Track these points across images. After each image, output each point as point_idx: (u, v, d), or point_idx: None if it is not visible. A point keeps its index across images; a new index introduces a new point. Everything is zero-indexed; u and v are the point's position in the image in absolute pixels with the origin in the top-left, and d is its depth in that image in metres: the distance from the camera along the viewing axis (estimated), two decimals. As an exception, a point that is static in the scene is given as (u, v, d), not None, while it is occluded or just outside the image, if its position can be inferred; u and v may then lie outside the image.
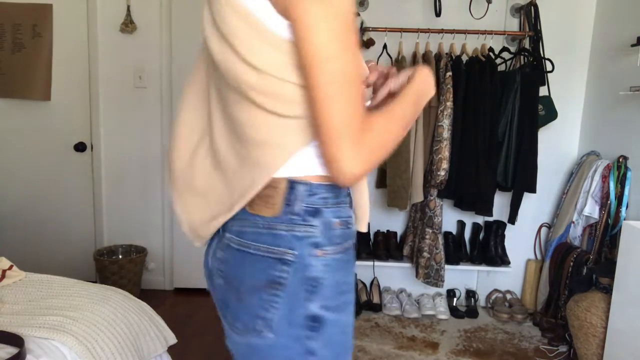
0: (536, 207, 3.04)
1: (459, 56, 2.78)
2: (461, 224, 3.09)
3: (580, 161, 2.86)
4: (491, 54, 2.78)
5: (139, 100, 3.10)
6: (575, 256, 2.60)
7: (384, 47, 2.85)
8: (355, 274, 0.94)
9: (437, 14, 2.86)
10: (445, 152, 2.66)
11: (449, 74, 2.66)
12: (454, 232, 3.12)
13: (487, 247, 3.01)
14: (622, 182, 2.45)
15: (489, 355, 2.54)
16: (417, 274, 2.89)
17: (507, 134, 2.73)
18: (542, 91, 2.79)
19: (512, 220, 2.81)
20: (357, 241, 0.92)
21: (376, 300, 3.04)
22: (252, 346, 0.83)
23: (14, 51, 3.02)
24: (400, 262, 3.02)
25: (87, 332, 1.45)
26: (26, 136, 3.13)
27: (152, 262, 3.22)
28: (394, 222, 3.15)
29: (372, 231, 3.14)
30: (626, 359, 1.99)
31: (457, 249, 3.05)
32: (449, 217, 3.07)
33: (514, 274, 3.10)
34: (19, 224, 3.19)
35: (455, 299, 3.07)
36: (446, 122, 2.66)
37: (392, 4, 2.93)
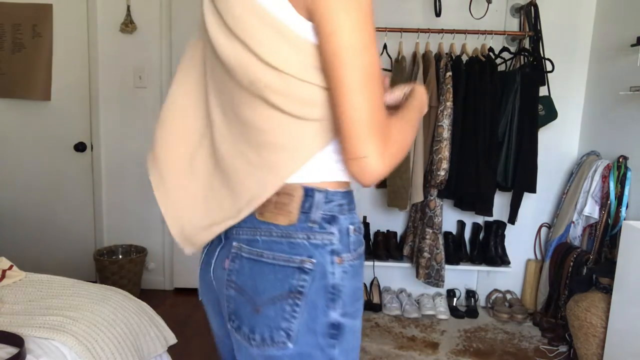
0: (536, 207, 3.04)
1: (459, 56, 2.78)
2: (461, 224, 3.09)
3: (580, 161, 2.86)
4: (491, 54, 2.78)
5: (139, 100, 3.10)
6: (575, 256, 2.60)
7: (384, 47, 2.85)
8: None
9: (437, 14, 2.86)
10: (445, 152, 2.66)
11: (449, 74, 2.66)
12: (454, 232, 3.12)
13: (487, 247, 3.01)
14: (622, 182, 2.45)
15: (489, 355, 2.54)
16: (417, 274, 2.88)
17: (507, 134, 2.73)
18: (542, 91, 2.79)
19: (512, 220, 2.81)
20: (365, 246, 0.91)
21: (376, 300, 3.04)
22: (272, 358, 0.80)
23: (14, 51, 3.02)
24: (400, 262, 3.02)
25: (87, 332, 1.45)
26: (26, 136, 3.13)
27: (152, 262, 3.22)
28: (394, 222, 3.15)
29: (372, 231, 3.14)
30: (626, 359, 1.99)
31: (457, 249, 3.05)
32: (449, 217, 3.07)
33: (514, 274, 3.10)
34: (19, 224, 3.19)
35: (455, 299, 3.07)
36: (446, 122, 2.66)
37: (392, 4, 2.93)
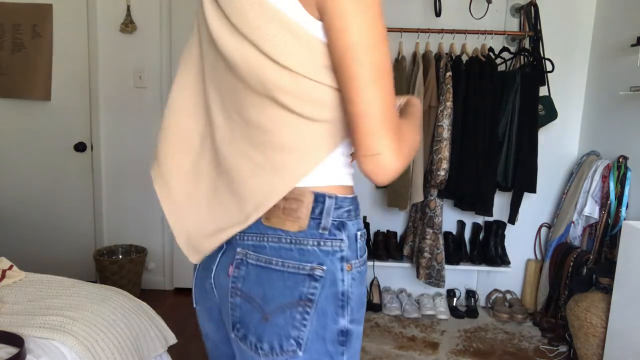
0: (536, 207, 3.04)
1: (459, 56, 2.78)
2: (461, 224, 3.09)
3: (580, 161, 2.86)
4: (491, 54, 2.78)
5: (139, 100, 3.10)
6: (575, 256, 2.60)
7: (384, 47, 2.84)
8: None
9: (437, 14, 2.86)
10: (445, 152, 2.66)
11: (449, 74, 2.66)
12: (454, 232, 3.12)
13: (487, 247, 3.01)
14: (622, 182, 2.45)
15: (489, 355, 2.54)
16: (418, 275, 2.88)
17: (507, 134, 2.73)
18: (542, 91, 2.79)
19: (512, 220, 2.81)
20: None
21: (376, 300, 3.04)
22: None
23: (14, 51, 3.02)
24: (400, 262, 3.02)
25: (87, 332, 1.45)
26: (26, 136, 3.12)
27: (152, 262, 3.22)
28: (394, 222, 3.15)
29: (372, 231, 3.14)
30: (626, 359, 1.99)
31: (457, 249, 3.05)
32: (449, 217, 3.07)
33: (514, 274, 3.10)
34: (19, 224, 3.19)
35: (455, 299, 3.07)
36: (446, 122, 2.66)
37: (392, 4, 2.93)
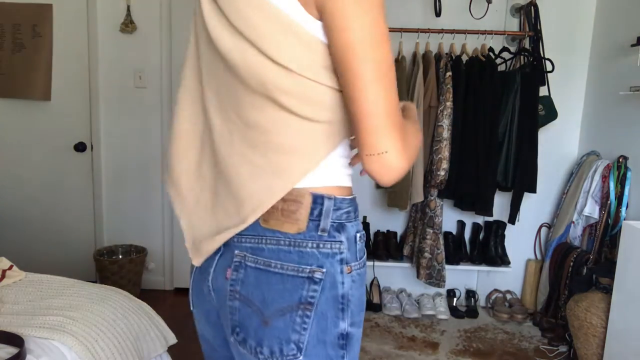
0: (536, 207, 3.04)
1: (459, 56, 2.78)
2: (461, 224, 3.09)
3: (580, 161, 2.86)
4: (491, 54, 2.78)
5: (139, 100, 3.10)
6: (575, 256, 2.60)
7: (384, 47, 2.84)
8: None
9: (437, 14, 2.86)
10: (445, 152, 2.66)
11: (449, 74, 2.66)
12: (454, 232, 3.12)
13: (487, 247, 3.01)
14: (622, 182, 2.45)
15: (489, 355, 2.54)
16: (418, 275, 2.88)
17: (507, 134, 2.73)
18: (542, 91, 2.79)
19: (512, 220, 2.81)
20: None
21: (376, 300, 3.04)
22: None
23: (14, 51, 3.02)
24: (400, 262, 3.02)
25: (87, 332, 1.45)
26: (26, 136, 3.12)
27: (152, 262, 3.22)
28: (394, 222, 3.15)
29: (372, 231, 3.14)
30: (626, 358, 1.99)
31: (457, 249, 3.05)
32: (449, 217, 3.07)
33: (514, 274, 3.10)
34: (19, 224, 3.19)
35: (455, 299, 3.07)
36: (446, 122, 2.66)
37: (392, 4, 2.93)
